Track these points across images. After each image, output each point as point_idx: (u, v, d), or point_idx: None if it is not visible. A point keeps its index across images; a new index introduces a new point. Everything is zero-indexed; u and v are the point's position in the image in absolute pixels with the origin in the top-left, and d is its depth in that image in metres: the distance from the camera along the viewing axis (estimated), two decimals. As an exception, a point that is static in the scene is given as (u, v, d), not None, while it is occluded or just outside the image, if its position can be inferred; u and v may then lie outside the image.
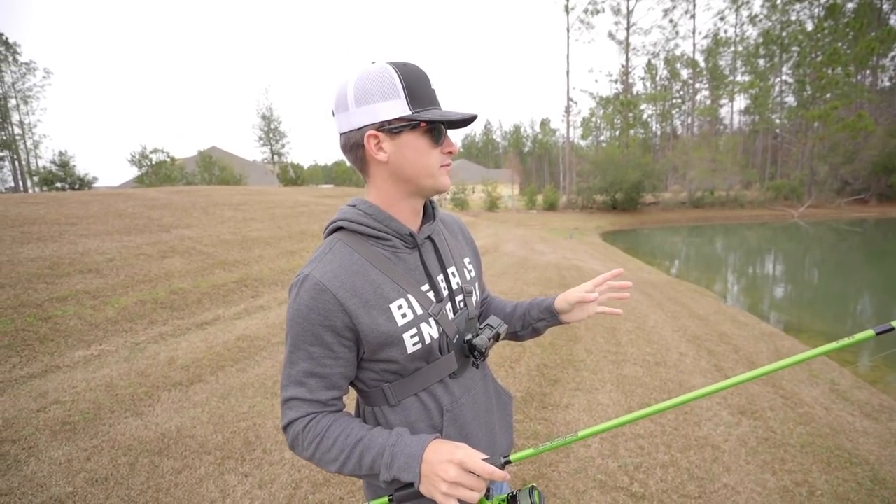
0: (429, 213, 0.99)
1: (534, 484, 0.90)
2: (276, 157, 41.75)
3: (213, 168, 29.41)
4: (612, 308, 1.08)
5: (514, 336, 1.16)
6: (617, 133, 45.75)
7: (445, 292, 0.95)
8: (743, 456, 2.79)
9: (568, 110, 43.38)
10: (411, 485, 0.79)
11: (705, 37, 51.69)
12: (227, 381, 3.86)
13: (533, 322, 1.12)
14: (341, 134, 0.87)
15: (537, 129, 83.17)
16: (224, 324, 5.49)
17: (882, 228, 24.59)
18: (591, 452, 2.81)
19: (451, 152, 0.89)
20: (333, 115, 0.88)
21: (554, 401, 3.50)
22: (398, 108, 0.81)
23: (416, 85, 0.83)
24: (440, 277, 0.95)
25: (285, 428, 0.87)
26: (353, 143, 0.86)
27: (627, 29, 43.90)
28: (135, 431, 3.05)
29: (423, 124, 0.83)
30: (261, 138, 41.66)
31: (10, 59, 39.83)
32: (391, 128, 0.82)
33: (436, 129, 0.85)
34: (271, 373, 4.01)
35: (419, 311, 0.88)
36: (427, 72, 0.87)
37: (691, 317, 6.55)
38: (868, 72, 39.13)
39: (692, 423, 3.17)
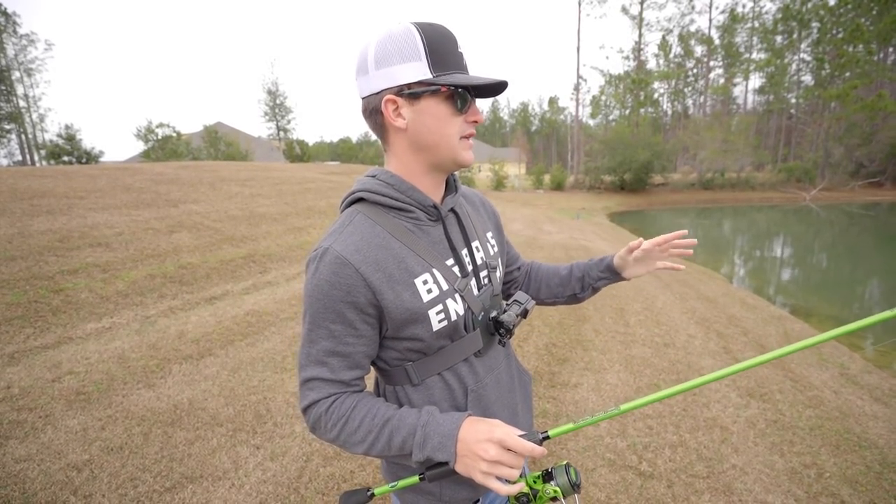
0: (450, 185, 0.96)
1: (567, 461, 0.87)
2: (281, 134, 41.37)
3: (219, 144, 29.28)
4: (675, 263, 1.09)
5: (573, 298, 1.17)
6: (627, 112, 44.72)
7: (470, 267, 0.91)
8: (751, 437, 2.80)
9: (577, 88, 42.53)
10: (444, 463, 0.77)
11: (722, 12, 49.86)
12: (236, 355, 3.89)
13: (593, 282, 1.14)
14: (362, 98, 0.83)
15: (545, 107, 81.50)
16: (233, 299, 5.53)
17: (896, 212, 24.16)
18: (601, 431, 2.82)
19: (476, 121, 0.83)
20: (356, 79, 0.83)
21: (563, 380, 3.51)
22: (418, 70, 0.76)
23: (440, 47, 0.77)
24: (464, 252, 0.92)
25: (305, 409, 0.83)
26: (373, 109, 0.81)
27: (641, 3, 42.50)
28: (147, 403, 3.10)
29: (444, 89, 0.78)
30: (266, 114, 41.18)
31: (11, 29, 39.19)
32: (410, 92, 0.77)
33: (459, 96, 0.79)
34: (280, 348, 4.05)
35: (445, 286, 0.85)
36: (455, 34, 0.81)
37: (700, 299, 6.51)
38: (891, 49, 37.71)
39: (701, 404, 3.17)
